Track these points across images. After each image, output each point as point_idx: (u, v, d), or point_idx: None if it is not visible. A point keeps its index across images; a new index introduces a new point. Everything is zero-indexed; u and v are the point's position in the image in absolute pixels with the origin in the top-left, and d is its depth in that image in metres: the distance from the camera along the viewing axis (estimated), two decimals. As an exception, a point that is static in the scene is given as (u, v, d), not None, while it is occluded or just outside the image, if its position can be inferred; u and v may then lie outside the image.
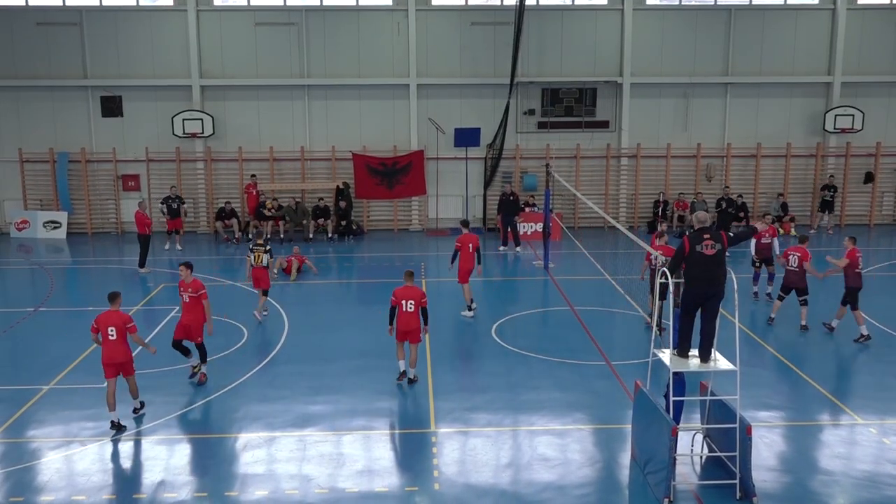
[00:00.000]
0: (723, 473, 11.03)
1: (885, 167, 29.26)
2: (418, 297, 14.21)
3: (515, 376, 14.94)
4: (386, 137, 28.27)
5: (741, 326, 14.70)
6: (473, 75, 28.11)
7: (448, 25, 28.00)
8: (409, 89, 27.97)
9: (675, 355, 11.19)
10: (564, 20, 28.06)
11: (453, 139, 27.99)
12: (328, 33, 27.79)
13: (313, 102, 28.21)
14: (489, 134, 28.12)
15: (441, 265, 24.35)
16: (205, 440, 12.51)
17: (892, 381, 14.72)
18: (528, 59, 27.95)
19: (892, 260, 24.39)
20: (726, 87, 28.68)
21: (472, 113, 28.28)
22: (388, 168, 27.80)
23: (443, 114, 28.13)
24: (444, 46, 28.02)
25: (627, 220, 28.80)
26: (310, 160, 28.33)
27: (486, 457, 11.87)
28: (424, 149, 28.17)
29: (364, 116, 28.28)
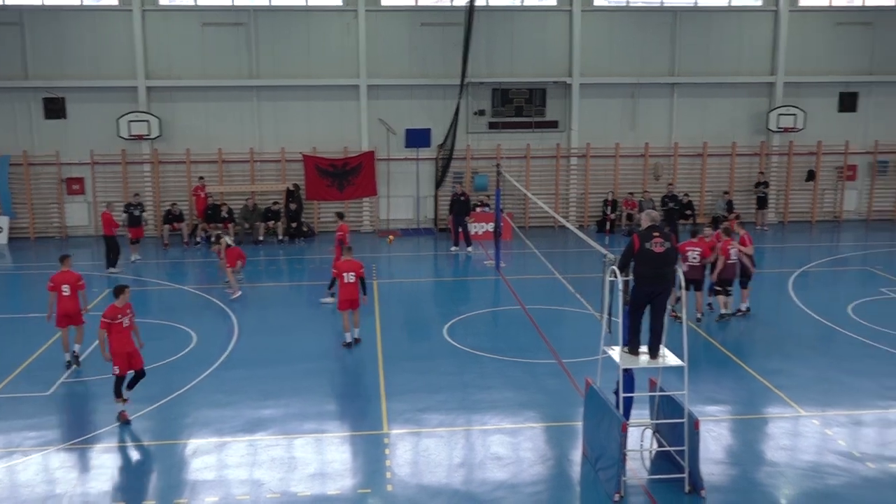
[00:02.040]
0: (672, 467, 11.20)
1: (826, 165, 29.94)
2: (357, 268, 16.31)
3: (467, 376, 14.99)
4: (336, 138, 28.13)
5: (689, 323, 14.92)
6: (424, 76, 28.13)
7: (398, 26, 27.97)
8: (360, 90, 27.88)
9: (626, 352, 11.32)
10: (514, 21, 28.21)
11: (404, 140, 27.97)
12: (277, 34, 27.57)
13: (262, 103, 27.97)
14: (440, 134, 28.16)
15: (393, 266, 24.34)
16: (153, 447, 12.33)
17: (833, 373, 15.08)
18: (478, 60, 28.04)
19: (833, 256, 24.99)
20: (673, 88, 29.10)
21: (423, 113, 28.29)
22: (338, 169, 27.67)
23: (393, 114, 28.09)
24: (394, 47, 27.99)
25: (577, 219, 29.06)
26: (259, 162, 28.07)
27: (439, 457, 11.88)
28: (375, 149, 28.10)
29: (314, 117, 28.11)
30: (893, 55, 29.46)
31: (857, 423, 13.09)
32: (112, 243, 22.41)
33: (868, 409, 13.57)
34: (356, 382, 15.04)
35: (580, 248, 24.62)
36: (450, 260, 24.85)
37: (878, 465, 11.58)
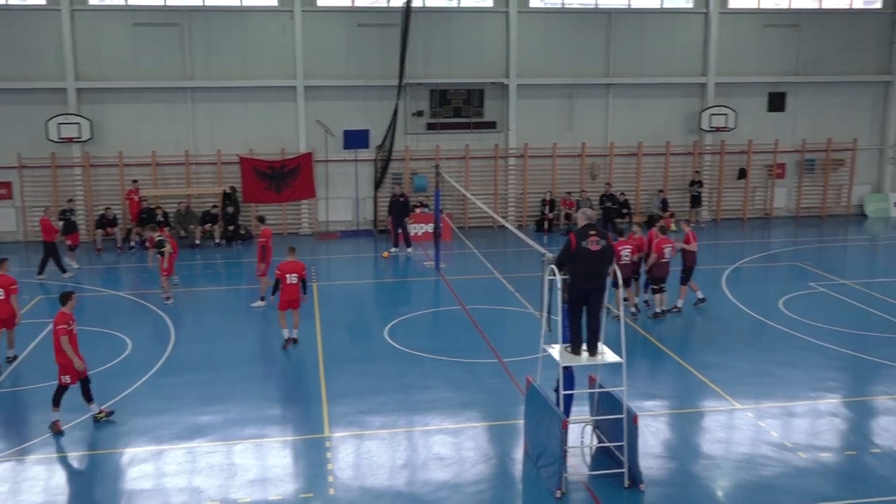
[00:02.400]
0: (612, 463, 11.36)
1: (756, 164, 30.69)
2: (300, 269, 16.49)
3: (409, 377, 14.98)
4: (273, 140, 27.84)
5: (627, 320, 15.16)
6: (361, 77, 28.01)
7: (335, 26, 27.81)
8: (297, 91, 27.64)
9: (567, 350, 11.44)
10: (451, 22, 28.29)
11: (342, 141, 27.83)
12: (211, 34, 27.17)
13: (197, 105, 27.53)
14: (378, 135, 28.09)
15: (333, 268, 24.20)
16: (88, 457, 12.05)
17: (766, 366, 15.48)
18: (415, 61, 28.04)
19: (764, 252, 25.63)
20: (608, 88, 29.50)
21: (361, 115, 28.18)
22: (276, 171, 27.39)
23: (331, 116, 27.92)
24: (331, 48, 27.81)
25: (516, 219, 29.27)
26: (195, 164, 27.62)
27: (382, 459, 11.86)
28: (313, 151, 27.90)
29: (250, 119, 27.77)
30: (819, 56, 30.34)
31: (789, 414, 13.46)
32: (52, 249, 21.90)
33: (799, 400, 13.97)
34: (297, 386, 14.92)
35: (519, 248, 24.78)
36: (390, 261, 24.81)
37: (809, 455, 11.92)
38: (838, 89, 30.76)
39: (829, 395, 14.17)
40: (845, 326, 17.81)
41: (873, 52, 30.73)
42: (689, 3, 29.66)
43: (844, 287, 20.96)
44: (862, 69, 30.77)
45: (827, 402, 13.88)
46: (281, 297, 16.42)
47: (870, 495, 10.83)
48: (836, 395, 14.22)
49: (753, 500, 10.70)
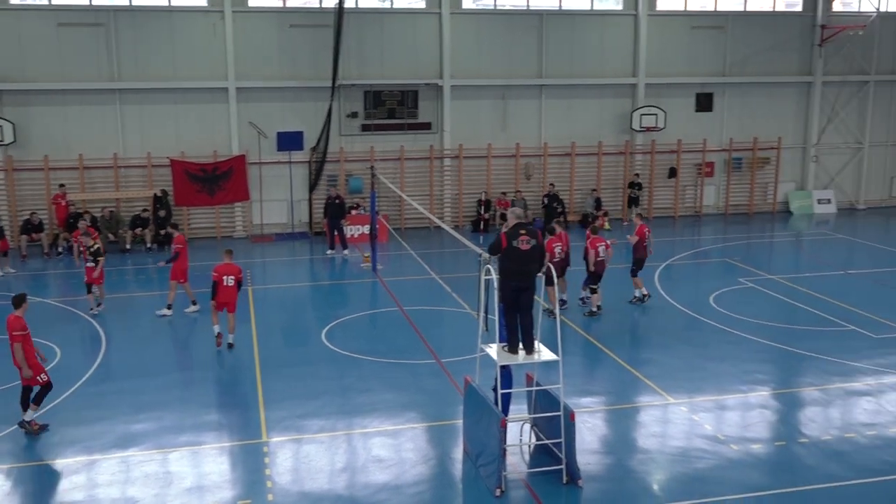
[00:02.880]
0: (550, 460, 11.47)
1: (686, 163, 31.34)
2: (236, 272, 16.33)
3: (347, 380, 14.91)
4: (205, 142, 27.40)
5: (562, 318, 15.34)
6: (294, 78, 27.76)
7: (266, 27, 27.50)
8: (228, 92, 27.24)
9: (504, 350, 11.52)
10: (384, 23, 28.23)
11: (276, 143, 27.54)
12: (139, 34, 26.60)
13: (126, 107, 26.92)
14: (312, 137, 27.87)
15: (268, 271, 23.94)
16: (17, 470, 11.68)
17: (698, 361, 15.82)
18: (349, 62, 27.90)
19: (695, 249, 26.19)
20: (541, 89, 29.79)
21: (295, 116, 27.93)
22: (208, 174, 26.96)
23: (264, 117, 27.61)
24: (263, 48, 27.50)
25: (452, 219, 29.35)
26: (124, 167, 27.01)
27: (321, 463, 11.78)
28: (246, 153, 27.54)
29: (181, 121, 27.29)
30: (745, 58, 31.15)
31: (721, 407, 13.78)
32: None
33: (731, 393, 14.31)
34: (233, 391, 14.72)
35: (455, 248, 24.85)
36: (326, 264, 24.64)
37: (740, 447, 12.22)
38: (763, 90, 31.63)
39: (758, 388, 14.56)
40: (773, 320, 18.32)
41: (796, 54, 31.68)
42: (619, 5, 30.14)
43: (771, 282, 21.55)
44: (785, 70, 31.69)
45: (757, 395, 14.26)
46: (217, 299, 16.25)
47: (798, 484, 11.16)
48: (766, 388, 14.62)
49: (688, 493, 10.93)
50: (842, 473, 11.43)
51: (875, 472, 11.49)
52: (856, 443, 12.38)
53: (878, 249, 26.03)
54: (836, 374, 15.15)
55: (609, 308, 19.07)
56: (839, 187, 33.24)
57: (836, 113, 32.25)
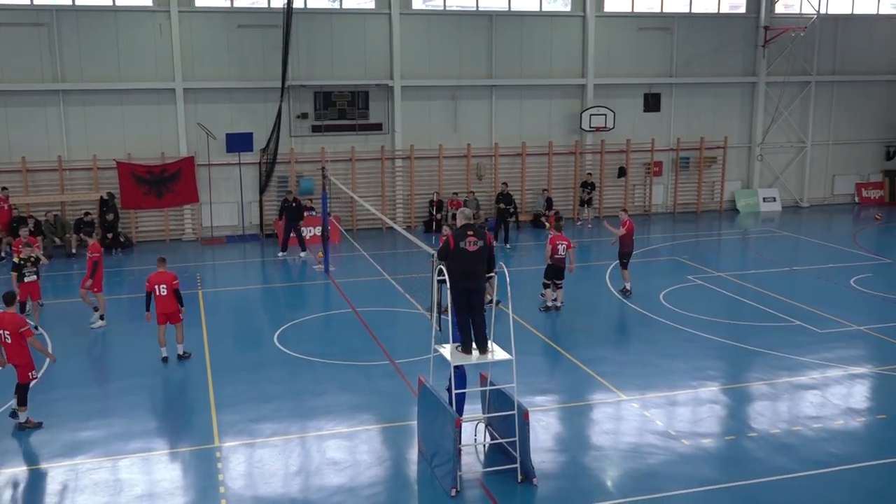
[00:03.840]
0: (505, 459, 11.52)
1: (635, 162, 31.73)
2: (170, 280, 15.42)
3: (300, 382, 14.80)
4: (153, 144, 26.97)
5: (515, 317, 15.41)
6: (243, 79, 27.47)
7: (214, 27, 27.16)
8: (176, 93, 26.85)
9: (458, 350, 11.53)
10: (333, 23, 28.08)
11: (225, 144, 27.23)
12: (83, 35, 26.08)
13: (70, 108, 26.38)
14: (262, 138, 27.60)
15: (219, 274, 23.66)
16: (-41, 481, 11.39)
17: (649, 358, 16.02)
18: (298, 63, 27.70)
19: (645, 247, 26.48)
20: (491, 90, 29.90)
21: (244, 117, 27.63)
22: (156, 176, 26.55)
23: (213, 118, 27.27)
24: (211, 49, 27.16)
25: (404, 220, 29.31)
26: (69, 170, 26.47)
27: (274, 467, 11.67)
28: (195, 155, 27.18)
29: (128, 122, 26.82)
30: (691, 58, 31.64)
31: (671, 403, 13.97)
32: None
33: (681, 389, 14.52)
34: (184, 396, 14.50)
35: (408, 249, 24.83)
36: (278, 266, 24.44)
37: (691, 442, 12.41)
38: (709, 90, 32.17)
39: (708, 384, 14.80)
40: (722, 317, 18.64)
41: (740, 55, 32.27)
42: (567, 6, 30.39)
43: (720, 279, 21.92)
44: (730, 71, 32.26)
45: (707, 390, 14.48)
46: (156, 311, 15.49)
47: (748, 478, 11.36)
48: (715, 383, 14.86)
49: (640, 489, 11.06)
50: (789, 466, 11.67)
51: (821, 463, 11.75)
52: (802, 436, 12.65)
53: (821, 246, 26.64)
54: (783, 368, 15.46)
55: (564, 306, 19.22)
56: (783, 186, 33.95)
57: (779, 113, 32.93)
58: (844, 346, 16.71)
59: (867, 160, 34.83)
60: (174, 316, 15.57)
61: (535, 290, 19.59)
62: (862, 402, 14.16)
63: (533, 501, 10.82)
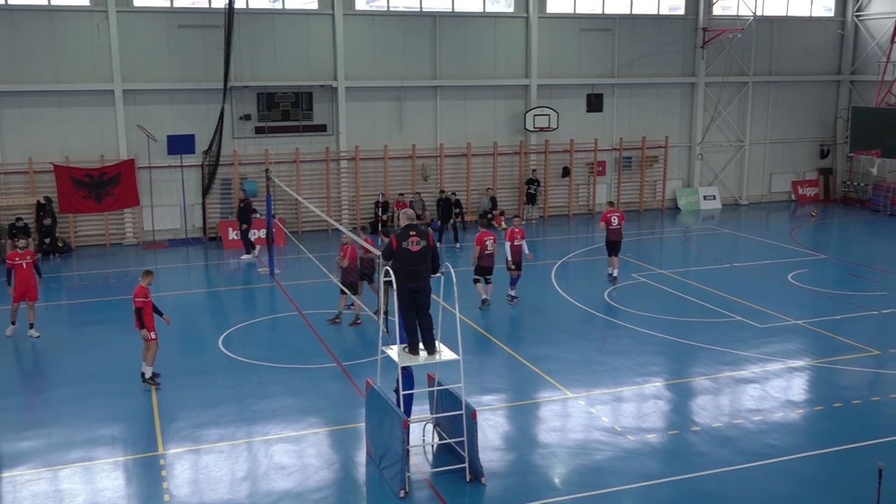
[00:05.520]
0: (453, 459, 11.55)
1: (579, 162, 32.06)
2: (134, 294, 14.34)
3: (246, 387, 14.64)
4: (92, 147, 26.41)
5: (462, 317, 15.47)
6: (184, 80, 27.06)
7: (154, 28, 26.70)
8: (115, 95, 26.33)
9: (405, 351, 11.53)
10: (276, 24, 27.83)
11: (166, 147, 26.80)
12: (17, 35, 25.42)
13: (4, 110, 25.67)
14: (205, 140, 27.23)
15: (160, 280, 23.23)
16: None
17: (595, 356, 16.22)
18: (240, 63, 27.39)
19: (589, 246, 26.78)
20: (436, 90, 29.94)
21: (185, 119, 27.23)
22: (95, 179, 26.01)
23: (153, 120, 26.82)
24: (151, 50, 26.70)
25: (350, 221, 29.17)
26: (3, 174, 25.78)
27: (220, 473, 11.53)
28: (135, 157, 26.69)
29: (65, 125, 26.22)
30: (632, 59, 32.08)
31: (617, 399, 14.16)
32: None
33: (626, 386, 14.72)
34: (126, 404, 14.18)
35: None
36: (221, 269, 24.13)
37: (637, 437, 12.59)
38: (650, 90, 32.66)
39: (652, 379, 15.03)
40: (665, 314, 18.94)
41: (680, 55, 32.82)
42: (510, 7, 30.58)
43: (663, 276, 22.27)
44: (670, 71, 32.80)
45: (651, 386, 14.71)
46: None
47: (691, 471, 11.57)
48: (659, 379, 15.10)
49: (588, 485, 11.18)
50: (731, 458, 11.91)
51: (761, 455, 12.02)
52: (743, 428, 12.93)
53: (759, 243, 27.23)
54: (724, 363, 15.78)
55: (508, 306, 19.36)
56: (723, 184, 34.63)
57: (718, 112, 33.58)
58: (783, 340, 17.12)
59: (802, 159, 35.72)
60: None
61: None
62: (800, 395, 14.53)
63: (481, 500, 10.87)
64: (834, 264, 24.18)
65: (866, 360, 15.89)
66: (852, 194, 34.77)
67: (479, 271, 19.16)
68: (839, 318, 18.48)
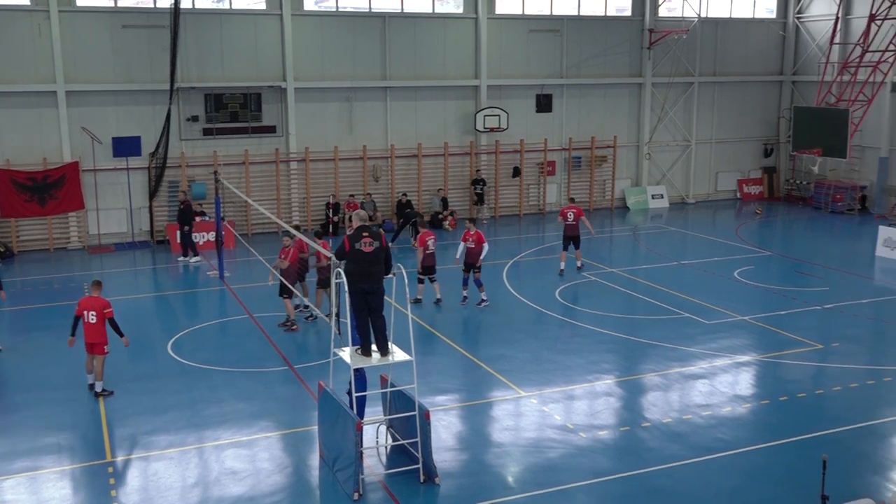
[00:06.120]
0: (407, 460, 11.55)
1: (529, 162, 32.26)
2: (100, 307, 13.97)
3: (197, 392, 14.46)
4: (34, 149, 25.83)
5: (414, 318, 15.46)
6: (129, 81, 26.60)
7: (97, 28, 26.20)
8: (58, 96, 25.78)
9: (357, 353, 11.49)
10: (223, 24, 27.51)
11: (111, 149, 26.32)
12: (-46, 35, 24.81)
13: (-59, 113, 25.06)
14: (151, 142, 26.81)
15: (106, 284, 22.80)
16: None
17: (547, 354, 16.33)
18: (187, 64, 27.01)
19: (540, 245, 26.98)
20: (386, 91, 29.88)
21: (131, 121, 26.77)
22: (38, 183, 25.44)
23: (98, 122, 26.32)
24: (95, 50, 26.20)
25: (301, 223, 28.95)
26: (-59, 178, 25.12)
27: (171, 479, 11.37)
28: (79, 160, 26.17)
29: (6, 127, 25.59)
30: (580, 60, 32.38)
31: (569, 397, 14.29)
32: None
33: (578, 384, 14.86)
34: (72, 412, 13.88)
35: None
36: (170, 273, 23.79)
37: (589, 434, 12.72)
38: (599, 91, 33.00)
39: (604, 377, 15.20)
40: (615, 311, 19.16)
41: (627, 56, 33.22)
42: (460, 8, 30.66)
43: (613, 275, 22.52)
44: (618, 72, 33.18)
45: (602, 384, 14.87)
46: (85, 339, 14.06)
47: (642, 466, 11.72)
48: (610, 376, 15.28)
49: (541, 483, 11.26)
50: (681, 453, 12.10)
51: (711, 449, 12.23)
52: (693, 423, 13.14)
53: (706, 240, 27.70)
54: (674, 359, 16.02)
55: (460, 306, 19.42)
56: (670, 183, 35.13)
57: (665, 112, 34.06)
58: (730, 335, 17.44)
59: (747, 157, 36.40)
60: (97, 347, 14.07)
61: (430, 290, 19.68)
62: (747, 389, 14.81)
63: (435, 501, 10.88)
64: (778, 261, 24.69)
65: (810, 355, 16.27)
66: (795, 192, 35.55)
67: (423, 271, 19.34)
68: (784, 314, 18.88)
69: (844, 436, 12.68)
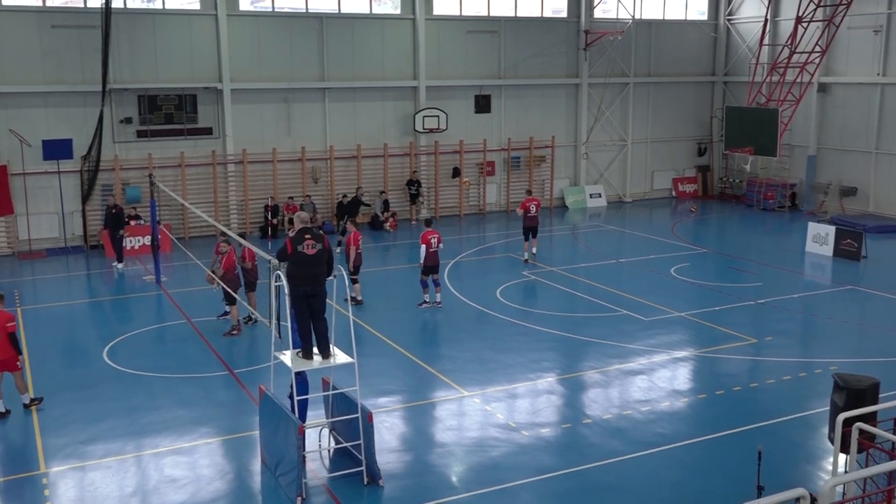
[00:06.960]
0: (350, 462, 11.50)
1: (468, 162, 32.38)
2: (2, 322, 13.27)
3: (134, 399, 14.18)
4: (-41, 153, 25.08)
5: (355, 319, 15.40)
6: (59, 82, 25.94)
7: (25, 28, 25.49)
8: (-17, 98, 25.08)
9: (298, 356, 11.39)
10: (156, 24, 27.02)
11: (42, 152, 25.63)
12: None
13: None
14: (83, 145, 26.18)
15: (38, 291, 22.26)
16: None
17: (489, 354, 16.42)
18: (120, 65, 26.46)
19: (480, 245, 27.12)
20: (324, 92, 29.69)
21: (62, 123, 26.11)
22: (-36, 187, 24.69)
23: (27, 124, 25.60)
24: (23, 51, 25.49)
25: (239, 226, 28.62)
26: None
27: (108, 489, 11.13)
28: (8, 164, 25.42)
29: (-72, 130, 24.81)
30: (518, 61, 32.62)
31: (511, 396, 14.39)
32: None
33: (520, 382, 14.97)
34: (3, 423, 13.51)
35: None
36: (104, 278, 23.27)
37: (531, 432, 12.82)
38: (536, 91, 33.29)
39: (545, 375, 15.34)
40: (555, 310, 19.36)
41: (564, 57, 33.59)
42: (397, 9, 30.63)
43: (553, 274, 22.73)
44: (555, 73, 33.53)
45: (544, 382, 15.01)
46: None
47: (584, 463, 11.87)
48: (552, 374, 15.43)
49: (484, 481, 11.32)
50: (622, 448, 12.28)
51: (650, 444, 12.44)
52: (633, 419, 13.35)
53: (643, 239, 28.16)
54: (613, 356, 16.25)
55: (402, 307, 19.42)
56: (608, 182, 35.62)
57: (601, 112, 34.53)
58: (668, 332, 17.76)
59: (682, 157, 37.12)
60: (9, 363, 13.38)
61: (372, 291, 19.64)
62: (685, 384, 15.11)
63: (379, 503, 10.86)
64: (713, 258, 25.22)
65: (745, 349, 16.66)
66: (728, 190, 36.36)
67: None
68: (719, 309, 19.30)
69: (778, 427, 13.02)
